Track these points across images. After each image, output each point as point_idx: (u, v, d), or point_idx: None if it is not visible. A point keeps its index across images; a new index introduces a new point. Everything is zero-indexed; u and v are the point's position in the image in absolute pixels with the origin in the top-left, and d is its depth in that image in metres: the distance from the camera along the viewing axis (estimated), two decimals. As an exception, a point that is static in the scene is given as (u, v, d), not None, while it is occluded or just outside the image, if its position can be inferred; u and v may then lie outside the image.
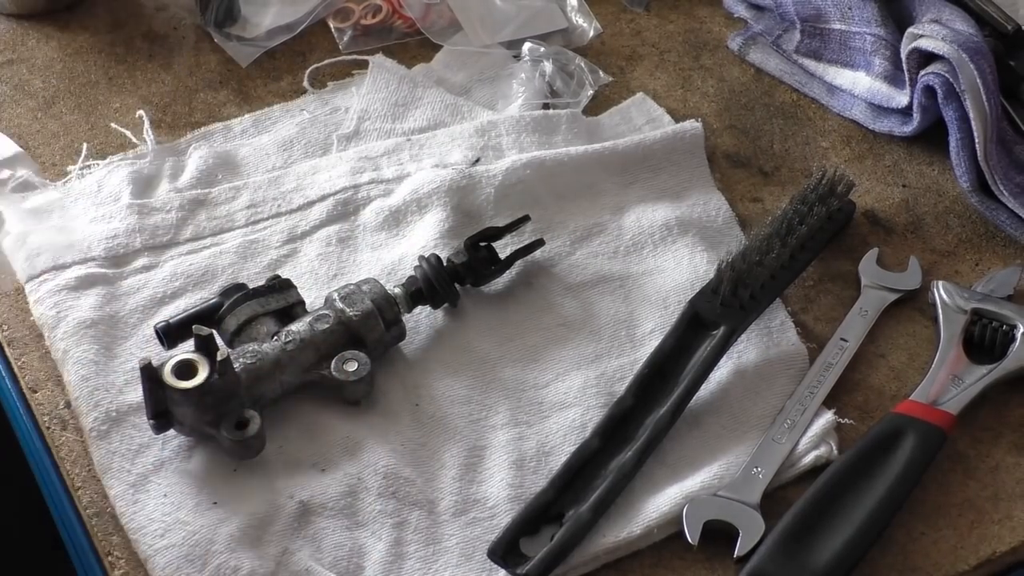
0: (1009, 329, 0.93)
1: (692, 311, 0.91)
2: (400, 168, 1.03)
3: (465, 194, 1.00)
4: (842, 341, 0.93)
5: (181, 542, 0.81)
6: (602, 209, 1.01)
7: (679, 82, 1.13)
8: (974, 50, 1.00)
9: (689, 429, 0.88)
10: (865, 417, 0.90)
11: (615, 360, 0.92)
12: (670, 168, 1.04)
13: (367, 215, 1.00)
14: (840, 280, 0.98)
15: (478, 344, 0.93)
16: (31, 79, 1.11)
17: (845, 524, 0.82)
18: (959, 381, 0.90)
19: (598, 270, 0.98)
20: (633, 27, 1.18)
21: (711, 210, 1.02)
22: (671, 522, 0.83)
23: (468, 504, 0.84)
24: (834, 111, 1.11)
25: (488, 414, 0.89)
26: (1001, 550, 0.84)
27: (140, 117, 1.08)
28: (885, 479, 0.84)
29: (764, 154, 1.08)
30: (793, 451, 0.87)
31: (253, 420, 0.84)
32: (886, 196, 1.05)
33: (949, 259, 1.01)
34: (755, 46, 1.16)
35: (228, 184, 1.02)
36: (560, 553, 0.81)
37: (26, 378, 0.91)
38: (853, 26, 1.09)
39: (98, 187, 1.02)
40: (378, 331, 0.89)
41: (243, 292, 0.90)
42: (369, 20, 1.16)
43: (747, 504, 0.83)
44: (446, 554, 0.82)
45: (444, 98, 1.10)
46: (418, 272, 0.93)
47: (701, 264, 0.97)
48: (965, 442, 0.89)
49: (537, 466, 0.86)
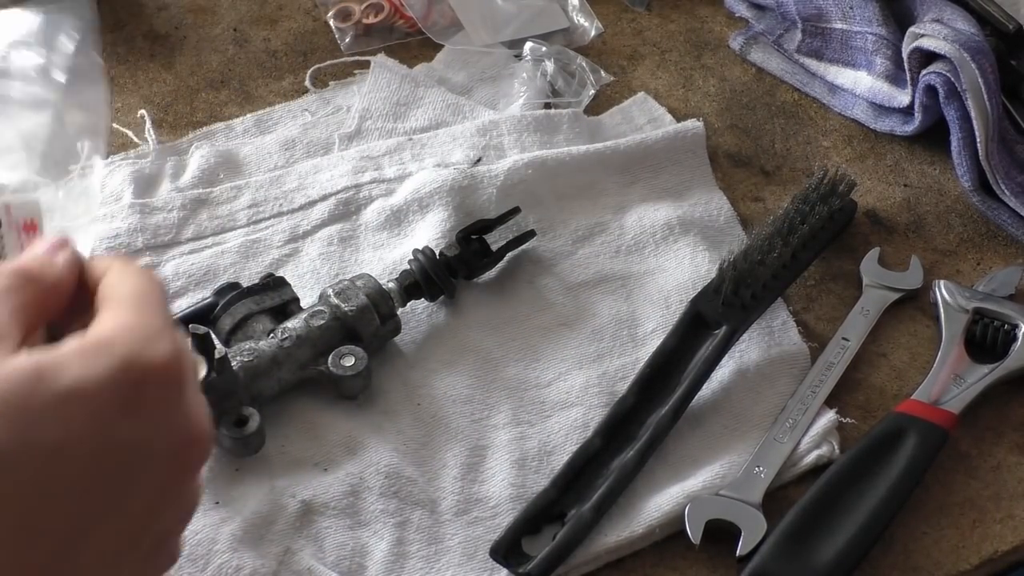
0: (1011, 328, 0.93)
1: (694, 310, 0.91)
2: (402, 167, 1.03)
3: (467, 194, 1.00)
4: (844, 340, 0.93)
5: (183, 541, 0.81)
6: (603, 208, 1.01)
7: (680, 81, 1.13)
8: (976, 49, 1.00)
9: (691, 428, 0.88)
10: (867, 416, 0.90)
11: (617, 359, 0.92)
12: (671, 168, 1.04)
13: (369, 214, 1.00)
14: (842, 279, 0.98)
15: (479, 343, 0.93)
16: (33, 79, 1.11)
17: (847, 523, 0.82)
18: (961, 380, 0.90)
19: (599, 269, 0.98)
20: (634, 27, 1.18)
21: (712, 209, 1.02)
22: (673, 521, 0.83)
23: (470, 503, 0.85)
24: (835, 110, 1.11)
25: (490, 413, 0.89)
26: (1003, 549, 0.85)
27: (142, 117, 1.08)
28: (887, 478, 0.84)
29: (765, 153, 1.08)
30: (795, 450, 0.87)
31: (252, 417, 0.84)
32: (887, 195, 1.05)
33: (951, 258, 1.01)
34: (756, 45, 1.16)
35: (230, 183, 1.02)
36: (562, 552, 0.81)
37: (28, 378, 0.91)
38: (854, 25, 1.09)
39: (100, 187, 1.02)
40: (373, 325, 0.89)
41: (238, 291, 0.90)
42: (371, 20, 1.16)
43: (749, 503, 0.83)
44: (448, 553, 0.82)
45: (446, 98, 1.10)
46: (413, 266, 0.93)
47: (703, 263, 0.97)
48: (967, 441, 0.89)
49: (539, 465, 0.86)
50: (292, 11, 1.18)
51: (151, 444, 0.49)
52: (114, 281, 0.53)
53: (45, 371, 0.47)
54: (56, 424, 0.46)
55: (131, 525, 0.49)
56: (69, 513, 0.47)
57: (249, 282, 0.92)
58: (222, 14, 1.18)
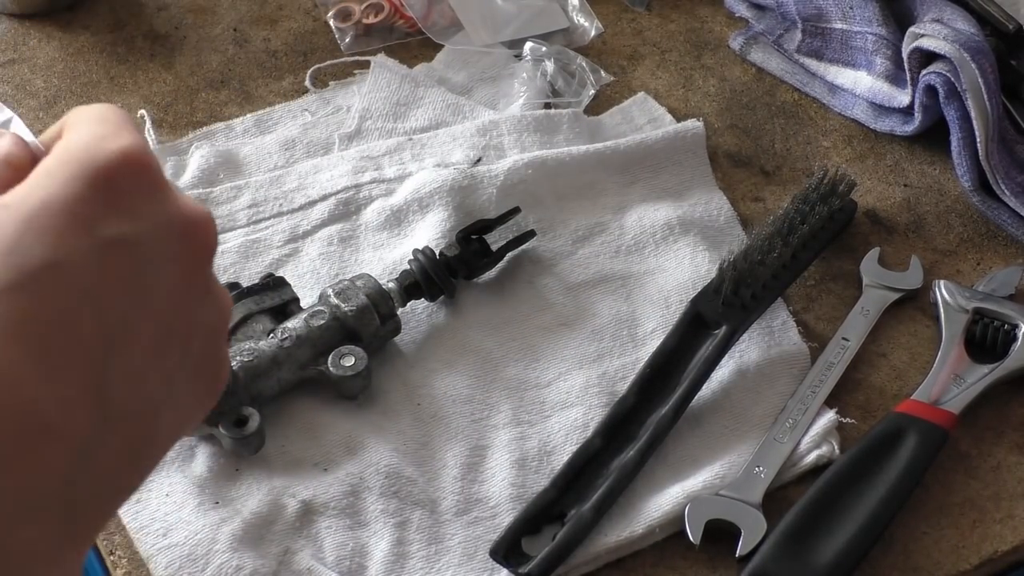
0: (1011, 328, 0.93)
1: (694, 310, 0.91)
2: (402, 167, 1.03)
3: (467, 194, 1.00)
4: (844, 340, 0.93)
5: (183, 541, 0.81)
6: (603, 208, 1.01)
7: (680, 81, 1.13)
8: (975, 49, 1.00)
9: (691, 428, 0.88)
10: (867, 416, 0.90)
11: (617, 360, 0.92)
12: (671, 168, 1.04)
13: (369, 214, 1.00)
14: (842, 279, 0.98)
15: (480, 343, 0.93)
16: (32, 79, 1.11)
17: (847, 523, 0.82)
18: (961, 380, 0.90)
19: (599, 269, 0.98)
20: (634, 27, 1.18)
21: (712, 209, 1.02)
22: (673, 521, 0.83)
23: (470, 503, 0.85)
24: (835, 110, 1.11)
25: (490, 413, 0.89)
26: (1003, 549, 0.85)
27: (142, 117, 1.08)
28: (887, 478, 0.84)
29: (765, 153, 1.08)
30: (795, 450, 0.87)
31: (252, 417, 0.84)
32: (887, 195, 1.05)
33: (950, 258, 1.01)
34: (756, 45, 1.16)
35: (230, 183, 1.02)
36: (562, 552, 0.81)
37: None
38: (854, 25, 1.09)
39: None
40: (373, 325, 0.89)
41: (238, 291, 0.90)
42: (371, 20, 1.16)
43: (749, 503, 0.83)
44: (448, 553, 0.82)
45: (446, 98, 1.10)
46: (413, 266, 0.93)
47: (703, 263, 0.97)
48: (967, 441, 0.89)
49: (539, 465, 0.86)
50: (292, 11, 1.18)
51: (147, 236, 0.45)
52: (69, 121, 0.49)
53: (6, 203, 0.44)
54: (36, 244, 0.43)
55: (161, 329, 0.46)
56: (88, 332, 0.43)
57: (249, 282, 0.92)
58: (222, 14, 1.18)
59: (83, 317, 0.43)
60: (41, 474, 0.42)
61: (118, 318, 0.44)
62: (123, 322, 0.45)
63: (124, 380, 0.45)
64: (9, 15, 1.17)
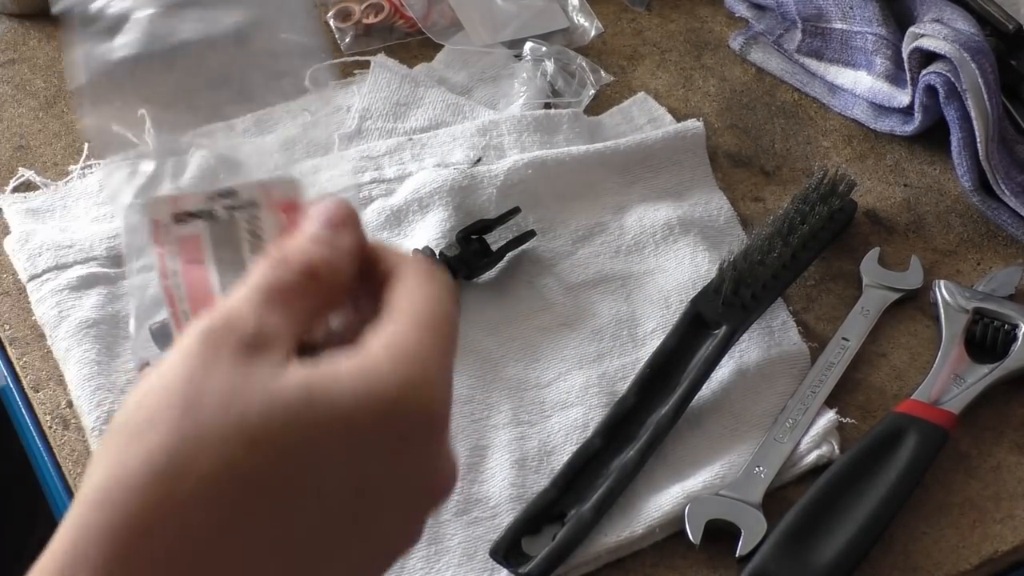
0: (1011, 328, 0.93)
1: (694, 311, 0.91)
2: (402, 168, 1.03)
3: (467, 194, 1.00)
4: (843, 340, 0.93)
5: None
6: (603, 209, 1.01)
7: (680, 82, 1.13)
8: (975, 49, 1.00)
9: (691, 428, 0.88)
10: (867, 416, 0.90)
11: (617, 360, 0.92)
12: (671, 168, 1.04)
13: (369, 215, 1.00)
14: (841, 279, 0.98)
15: (479, 343, 0.93)
16: (33, 78, 1.11)
17: (847, 523, 0.82)
18: (961, 380, 0.90)
19: (599, 269, 0.98)
20: (634, 27, 1.18)
21: (712, 209, 1.02)
22: (673, 521, 0.83)
23: (470, 503, 0.84)
24: (835, 110, 1.11)
25: (490, 413, 0.89)
26: (1003, 549, 0.85)
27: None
28: (887, 478, 0.84)
29: (765, 153, 1.08)
30: (795, 450, 0.87)
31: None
32: (887, 195, 1.05)
33: (951, 258, 1.01)
34: (756, 45, 1.16)
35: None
36: (562, 552, 0.81)
37: (28, 377, 0.91)
38: (854, 25, 1.09)
39: (100, 187, 1.02)
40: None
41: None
42: (371, 20, 1.16)
43: (749, 503, 0.83)
44: (448, 553, 0.82)
45: (446, 98, 1.10)
46: (414, 266, 0.93)
47: (703, 263, 0.97)
48: (967, 441, 0.89)
49: (539, 465, 0.86)
50: (292, 11, 1.18)
51: (403, 483, 0.47)
52: (410, 289, 0.48)
53: (315, 392, 0.44)
54: (315, 453, 0.43)
55: (363, 558, 0.47)
56: (309, 542, 0.44)
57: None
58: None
59: (306, 531, 0.44)
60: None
61: (336, 542, 0.45)
62: (340, 544, 0.46)
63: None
64: (9, 15, 1.17)
